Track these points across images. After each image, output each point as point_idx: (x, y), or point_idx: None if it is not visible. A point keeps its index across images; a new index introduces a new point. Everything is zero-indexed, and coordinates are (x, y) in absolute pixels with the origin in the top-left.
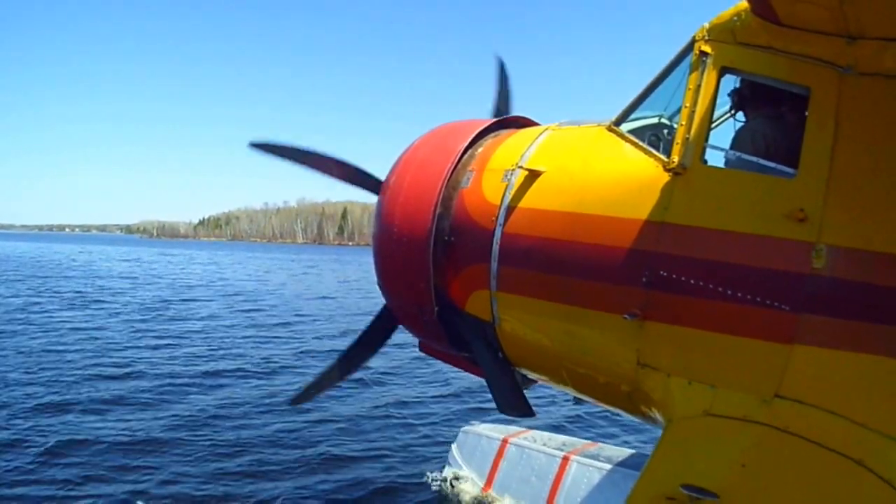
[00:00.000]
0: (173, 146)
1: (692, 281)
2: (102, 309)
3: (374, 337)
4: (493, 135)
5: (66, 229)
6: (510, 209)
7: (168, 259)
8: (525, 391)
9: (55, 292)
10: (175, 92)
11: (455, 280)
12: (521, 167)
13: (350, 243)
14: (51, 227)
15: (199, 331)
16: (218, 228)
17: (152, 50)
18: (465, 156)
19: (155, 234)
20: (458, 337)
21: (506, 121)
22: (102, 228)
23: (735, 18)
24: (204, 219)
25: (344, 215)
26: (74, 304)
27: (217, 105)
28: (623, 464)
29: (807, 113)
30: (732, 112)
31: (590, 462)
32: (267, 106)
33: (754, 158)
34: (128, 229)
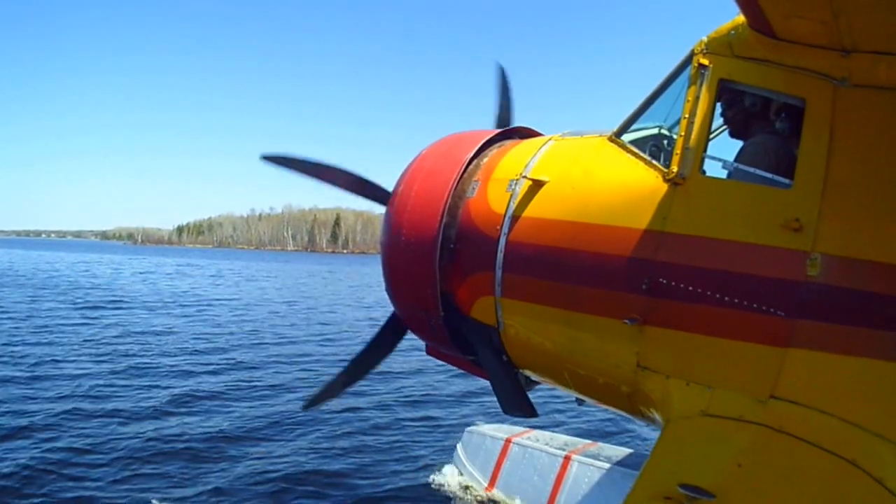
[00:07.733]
0: (148, 154)
1: (691, 288)
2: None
3: (383, 343)
4: (497, 145)
5: (43, 235)
6: (514, 218)
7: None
8: (528, 392)
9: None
10: (150, 102)
11: (461, 286)
12: (525, 177)
13: (345, 251)
14: (27, 233)
15: None
16: (200, 235)
17: (131, 62)
18: (471, 166)
19: (140, 240)
20: (463, 340)
21: (510, 131)
22: (78, 234)
23: (732, 32)
24: (183, 225)
25: (337, 222)
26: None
27: (193, 115)
28: (622, 463)
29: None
30: (726, 125)
31: (590, 462)
32: (263, 117)
33: (751, 169)
34: (104, 235)
